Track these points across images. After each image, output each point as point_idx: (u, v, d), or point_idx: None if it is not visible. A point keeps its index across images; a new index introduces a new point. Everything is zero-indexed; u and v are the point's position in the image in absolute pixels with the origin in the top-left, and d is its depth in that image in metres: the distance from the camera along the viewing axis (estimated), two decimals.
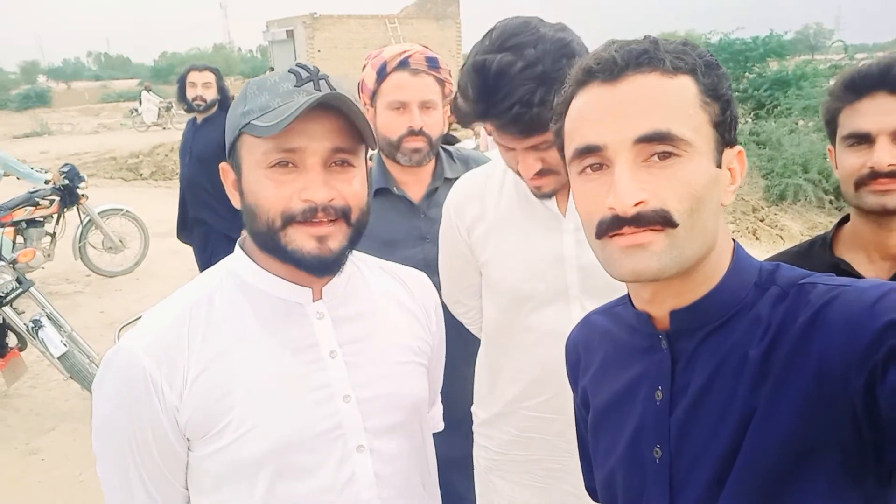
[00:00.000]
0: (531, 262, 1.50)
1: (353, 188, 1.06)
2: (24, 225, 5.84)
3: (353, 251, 1.21)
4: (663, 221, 0.77)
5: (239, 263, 1.13)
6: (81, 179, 6.17)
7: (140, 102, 24.83)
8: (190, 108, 4.36)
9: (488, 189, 1.60)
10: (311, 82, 1.02)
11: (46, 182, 5.99)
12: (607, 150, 0.79)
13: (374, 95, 1.98)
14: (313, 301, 1.12)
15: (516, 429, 1.60)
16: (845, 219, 1.47)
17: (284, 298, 1.10)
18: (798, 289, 0.80)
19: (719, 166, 0.82)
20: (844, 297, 0.75)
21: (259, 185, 1.03)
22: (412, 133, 1.94)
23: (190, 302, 1.09)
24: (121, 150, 16.60)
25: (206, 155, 4.22)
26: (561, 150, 0.90)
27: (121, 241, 6.84)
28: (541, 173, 1.38)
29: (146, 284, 4.60)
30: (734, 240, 0.88)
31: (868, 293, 0.73)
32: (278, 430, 1.05)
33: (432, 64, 1.95)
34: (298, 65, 1.05)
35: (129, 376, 1.03)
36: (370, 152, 1.16)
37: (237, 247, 1.15)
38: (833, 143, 1.41)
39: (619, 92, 0.80)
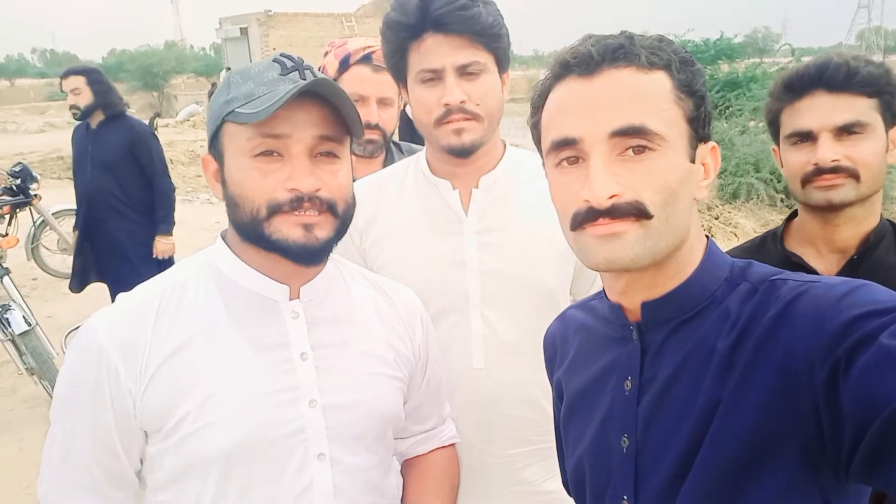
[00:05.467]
0: (429, 268, 1.45)
1: (338, 180, 1.05)
2: None
3: (341, 259, 1.22)
4: (637, 213, 0.78)
5: (218, 254, 1.11)
6: (34, 179, 5.95)
7: None
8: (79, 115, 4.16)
9: (386, 190, 1.56)
10: (297, 71, 1.02)
11: None
12: (583, 143, 0.80)
13: None
14: (290, 299, 1.09)
15: None
16: (794, 214, 1.50)
17: (260, 293, 1.08)
18: (769, 285, 0.82)
19: (693, 161, 0.83)
20: (813, 292, 0.76)
21: (243, 174, 1.01)
22: (368, 126, 1.98)
23: (162, 287, 1.08)
24: (68, 150, 15.84)
25: (112, 160, 4.09)
26: (538, 143, 0.91)
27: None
28: (464, 112, 1.38)
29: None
30: (708, 235, 0.90)
31: (836, 289, 0.75)
32: (236, 429, 1.01)
33: None
34: (283, 55, 1.04)
35: (87, 353, 1.01)
36: None
37: (219, 237, 1.12)
38: (777, 142, 1.45)
39: (594, 86, 0.81)
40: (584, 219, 0.80)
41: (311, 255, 1.03)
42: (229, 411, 1.02)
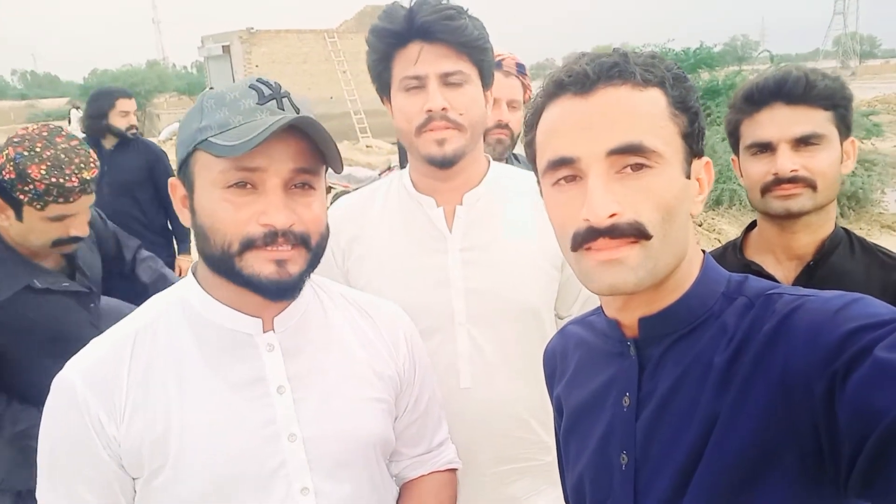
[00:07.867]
0: (413, 286, 1.43)
1: (313, 212, 1.02)
2: None
3: (318, 280, 1.18)
4: (637, 234, 0.78)
5: (188, 289, 1.07)
6: None
7: (69, 121, 23.95)
8: (123, 138, 4.04)
9: (368, 209, 1.54)
10: (275, 100, 0.98)
11: None
12: (580, 162, 0.80)
13: None
14: (264, 331, 1.06)
15: None
16: (753, 224, 1.54)
17: (232, 329, 1.04)
18: (765, 299, 0.82)
19: (688, 177, 0.84)
20: (808, 306, 0.77)
21: (214, 206, 0.98)
22: (499, 126, 2.14)
23: (133, 329, 1.05)
24: None
25: (131, 181, 4.02)
26: (533, 161, 0.90)
27: None
28: (446, 120, 1.37)
29: None
30: (704, 250, 0.90)
31: (831, 303, 0.75)
32: (216, 469, 0.99)
33: (520, 70, 2.15)
34: (260, 80, 1.00)
35: (66, 404, 0.99)
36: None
37: (189, 272, 1.09)
38: (736, 153, 1.49)
39: (591, 104, 0.81)
40: (585, 238, 0.80)
41: (283, 291, 1.01)
42: (207, 452, 0.99)
